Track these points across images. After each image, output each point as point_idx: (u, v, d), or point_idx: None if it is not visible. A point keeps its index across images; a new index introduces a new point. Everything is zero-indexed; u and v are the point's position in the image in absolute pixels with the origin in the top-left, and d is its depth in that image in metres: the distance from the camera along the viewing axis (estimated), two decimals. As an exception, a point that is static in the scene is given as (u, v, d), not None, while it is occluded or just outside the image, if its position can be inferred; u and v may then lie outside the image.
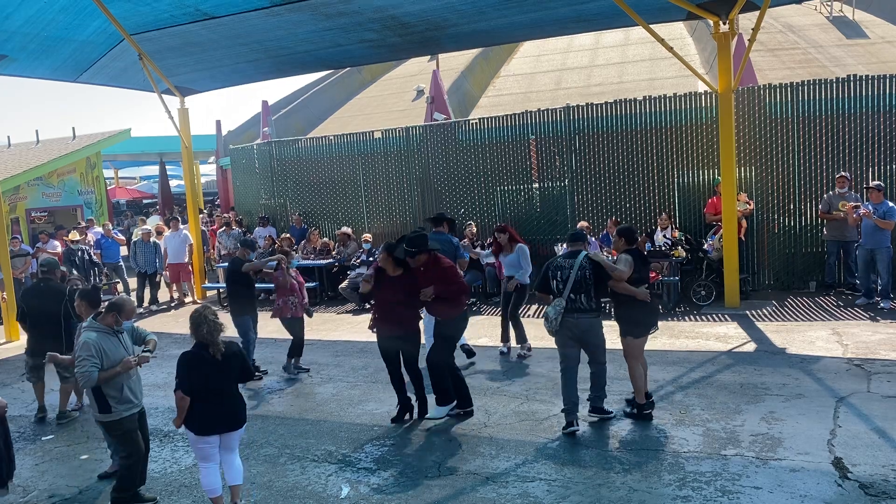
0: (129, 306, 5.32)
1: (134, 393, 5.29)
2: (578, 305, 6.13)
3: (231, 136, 21.37)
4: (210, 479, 4.92)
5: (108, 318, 5.22)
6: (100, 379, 5.03)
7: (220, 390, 4.86)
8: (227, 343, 4.92)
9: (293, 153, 15.19)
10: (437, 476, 5.46)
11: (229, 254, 14.60)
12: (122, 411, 5.19)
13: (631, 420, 6.24)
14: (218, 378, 4.84)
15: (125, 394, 5.20)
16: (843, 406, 6.19)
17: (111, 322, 5.21)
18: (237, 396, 5.03)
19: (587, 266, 6.17)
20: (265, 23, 11.09)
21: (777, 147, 10.85)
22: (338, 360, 9.15)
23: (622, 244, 6.40)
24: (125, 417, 5.21)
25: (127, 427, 5.24)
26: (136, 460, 5.26)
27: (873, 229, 9.48)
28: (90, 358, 4.98)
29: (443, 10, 10.51)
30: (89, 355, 4.99)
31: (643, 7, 9.62)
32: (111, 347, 5.14)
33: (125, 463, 5.25)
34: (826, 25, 20.13)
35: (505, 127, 12.72)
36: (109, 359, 5.08)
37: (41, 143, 20.01)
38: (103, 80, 14.10)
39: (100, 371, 5.02)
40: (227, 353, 4.88)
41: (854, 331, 8.54)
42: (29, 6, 10.32)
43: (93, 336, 5.09)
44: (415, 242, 6.54)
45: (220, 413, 4.86)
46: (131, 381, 5.27)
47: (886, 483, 4.76)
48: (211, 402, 4.82)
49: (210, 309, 4.95)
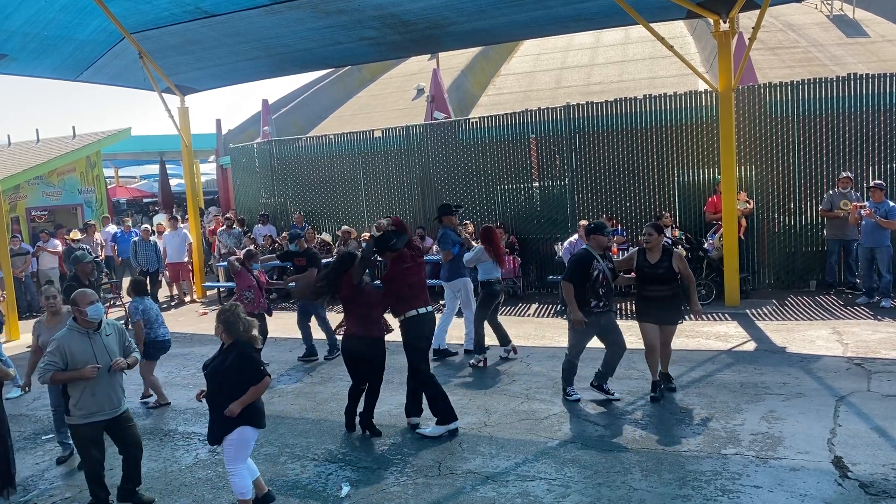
0: (82, 296, 5.08)
1: (99, 401, 5.02)
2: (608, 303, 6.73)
3: (231, 135, 21.34)
4: (247, 481, 4.84)
5: (75, 314, 5.09)
6: (53, 379, 4.91)
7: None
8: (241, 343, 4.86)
9: (293, 152, 15.19)
10: (437, 475, 5.46)
11: (229, 253, 14.63)
12: (79, 417, 5.00)
13: (631, 420, 6.23)
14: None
15: (84, 400, 4.96)
16: (844, 405, 6.19)
17: (80, 318, 5.05)
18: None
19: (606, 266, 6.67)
20: (265, 21, 11.08)
21: (777, 146, 10.85)
22: (338, 359, 9.15)
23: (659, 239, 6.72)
24: (82, 424, 5.01)
25: (83, 434, 5.03)
26: (89, 469, 5.11)
27: (873, 228, 9.48)
28: (50, 354, 4.92)
29: (443, 9, 10.50)
30: (51, 351, 4.94)
31: (643, 6, 9.61)
32: (79, 349, 4.96)
33: (85, 471, 5.16)
34: (826, 24, 20.11)
35: (505, 126, 12.71)
36: (74, 359, 4.92)
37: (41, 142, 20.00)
38: (103, 79, 14.10)
39: (58, 371, 4.90)
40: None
41: (854, 330, 8.54)
42: (29, 5, 10.31)
43: (63, 337, 5.00)
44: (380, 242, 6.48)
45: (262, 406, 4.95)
46: (98, 387, 5.00)
47: (886, 482, 4.76)
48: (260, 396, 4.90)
49: (239, 307, 4.90)
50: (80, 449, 5.14)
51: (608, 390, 6.74)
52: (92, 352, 5.01)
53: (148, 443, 6.32)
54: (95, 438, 5.08)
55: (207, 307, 13.76)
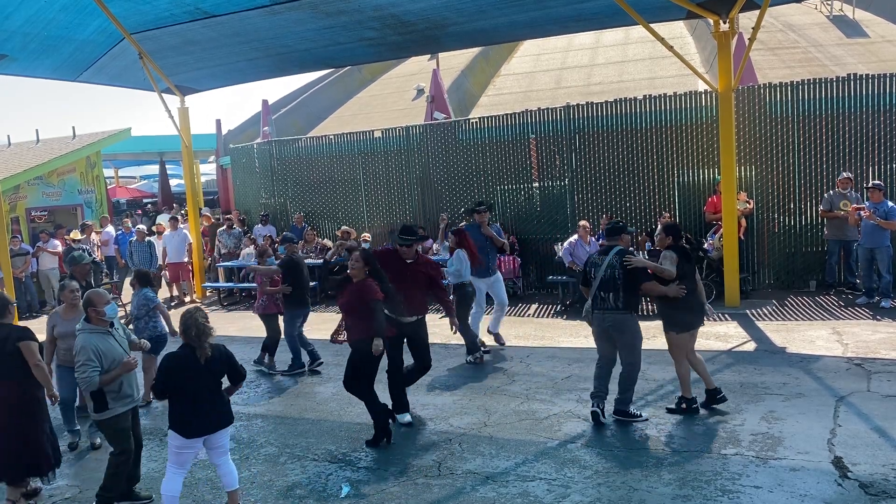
0: (97, 296, 5.25)
1: (131, 386, 5.31)
2: (607, 304, 6.15)
3: (231, 136, 21.33)
4: (173, 484, 4.86)
5: (91, 315, 5.21)
6: (102, 382, 5.03)
7: (204, 394, 4.80)
8: (214, 346, 4.85)
9: (293, 152, 15.18)
10: (437, 476, 5.46)
11: (229, 253, 14.64)
12: (117, 408, 5.17)
13: (629, 419, 6.23)
14: (202, 381, 4.78)
15: (123, 389, 5.20)
16: (844, 405, 6.19)
17: (95, 318, 5.19)
18: (220, 395, 4.94)
19: (616, 265, 6.13)
20: (265, 21, 11.08)
21: (777, 146, 10.85)
22: (338, 359, 9.10)
23: (668, 241, 6.35)
24: (120, 414, 5.19)
25: (122, 425, 5.22)
26: (125, 459, 5.22)
27: (873, 228, 9.47)
28: (89, 362, 4.99)
29: (443, 9, 10.50)
30: (88, 359, 4.99)
31: (643, 6, 9.61)
32: (108, 347, 5.14)
33: (114, 461, 5.21)
34: (826, 24, 20.12)
35: (505, 126, 12.71)
36: (108, 358, 5.09)
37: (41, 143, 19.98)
38: (103, 80, 14.10)
39: (101, 373, 5.02)
40: (213, 356, 4.82)
41: (854, 330, 8.54)
42: (29, 5, 10.31)
43: (89, 339, 5.09)
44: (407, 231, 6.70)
45: (204, 416, 4.81)
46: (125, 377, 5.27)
47: (886, 482, 4.76)
48: (195, 405, 4.77)
49: (201, 311, 4.89)
50: (121, 439, 5.23)
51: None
52: (118, 347, 5.23)
53: (148, 443, 6.33)
54: (129, 427, 5.29)
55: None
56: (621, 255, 6.13)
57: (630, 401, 6.26)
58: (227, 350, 5.01)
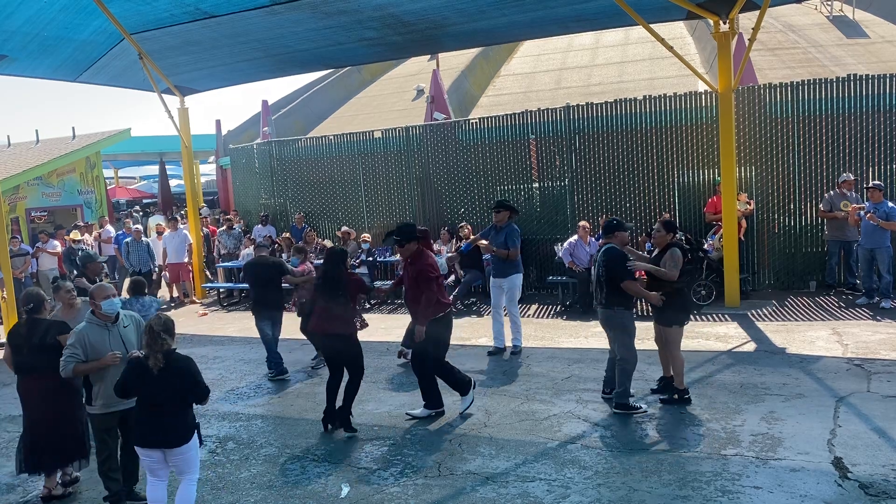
0: (98, 290, 5.23)
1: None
2: (599, 300, 6.50)
3: (231, 136, 21.35)
4: (155, 493, 4.71)
5: (92, 307, 5.22)
6: (76, 370, 5.02)
7: (158, 404, 4.57)
8: (175, 358, 4.63)
9: (293, 153, 15.18)
10: (437, 476, 5.45)
11: (229, 253, 14.64)
12: (99, 407, 5.13)
13: (631, 420, 6.23)
14: (156, 391, 4.58)
15: (105, 390, 5.05)
16: (844, 406, 6.19)
17: (97, 312, 5.18)
18: (180, 415, 4.63)
19: (601, 263, 6.38)
20: (265, 21, 11.09)
21: (777, 147, 10.85)
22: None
23: (669, 238, 6.48)
24: (101, 414, 5.14)
25: (101, 424, 5.18)
26: (105, 458, 5.19)
27: (873, 229, 9.47)
28: (71, 347, 5.04)
29: (443, 9, 10.51)
30: (71, 345, 5.05)
31: (643, 6, 9.62)
32: (98, 340, 5.10)
33: (98, 460, 5.23)
34: (826, 25, 20.12)
35: (505, 126, 12.71)
36: (95, 351, 5.07)
37: (41, 143, 20.01)
38: (103, 80, 14.09)
39: (80, 363, 5.02)
40: (169, 369, 4.56)
41: (854, 331, 8.54)
42: (29, 6, 10.30)
43: (83, 329, 5.13)
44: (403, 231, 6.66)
45: (155, 428, 4.58)
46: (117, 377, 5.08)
47: (886, 483, 4.76)
48: (148, 414, 4.60)
49: (160, 320, 4.62)
50: (97, 438, 5.27)
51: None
52: (109, 343, 5.16)
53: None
54: (111, 428, 5.24)
55: (207, 308, 13.77)
56: (606, 254, 6.36)
57: (627, 394, 6.40)
58: (190, 365, 4.69)
